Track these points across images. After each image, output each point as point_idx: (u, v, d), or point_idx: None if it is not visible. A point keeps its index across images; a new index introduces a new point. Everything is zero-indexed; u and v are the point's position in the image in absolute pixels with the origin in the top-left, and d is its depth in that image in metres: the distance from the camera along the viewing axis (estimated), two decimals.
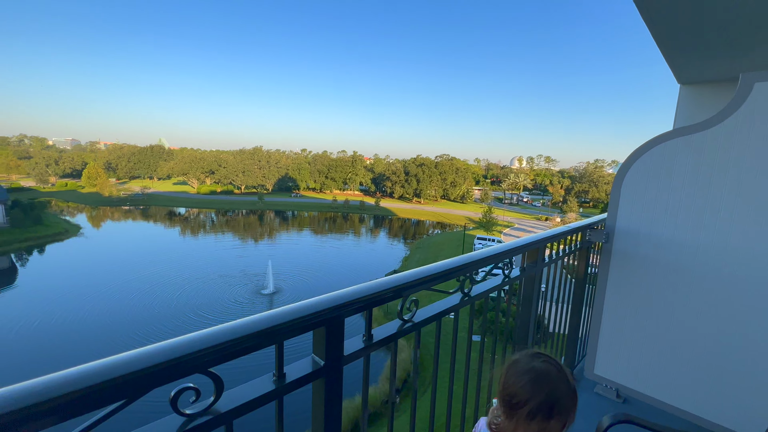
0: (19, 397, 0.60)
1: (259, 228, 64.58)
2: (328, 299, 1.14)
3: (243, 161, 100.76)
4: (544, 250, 2.59)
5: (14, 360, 21.20)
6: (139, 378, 0.74)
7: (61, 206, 74.03)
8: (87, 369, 0.70)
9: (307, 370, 1.12)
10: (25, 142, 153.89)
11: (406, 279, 1.42)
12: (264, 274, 35.79)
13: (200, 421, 0.87)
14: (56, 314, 27.11)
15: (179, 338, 0.84)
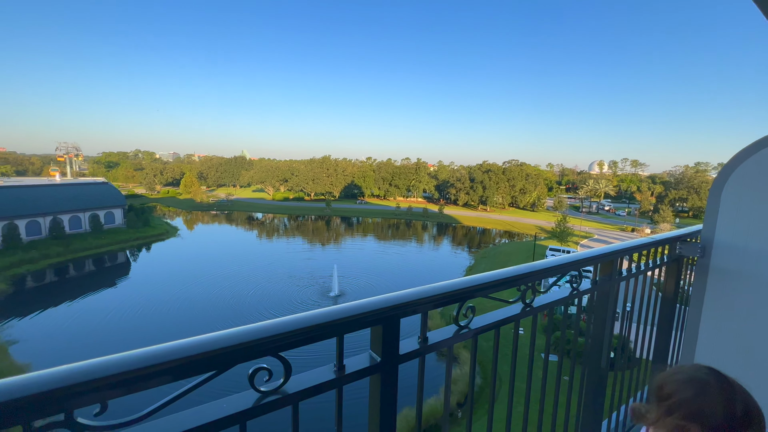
0: (143, 358, 0.80)
1: (326, 233, 67.80)
2: (386, 299, 1.21)
3: (313, 170, 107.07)
4: (621, 262, 2.34)
5: (128, 333, 25.01)
6: (226, 354, 0.90)
7: (163, 210, 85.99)
8: (188, 342, 0.88)
9: (364, 364, 1.21)
10: (138, 156, 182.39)
11: (463, 284, 1.43)
12: (330, 277, 37.42)
13: (272, 399, 1.01)
14: (158, 299, 31.71)
15: (257, 324, 0.99)
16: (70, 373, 0.73)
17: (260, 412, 1.00)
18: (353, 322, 1.12)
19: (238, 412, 0.96)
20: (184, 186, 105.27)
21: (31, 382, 0.69)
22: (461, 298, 1.42)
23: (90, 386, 0.74)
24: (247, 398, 1.00)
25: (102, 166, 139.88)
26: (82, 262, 43.71)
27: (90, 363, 0.77)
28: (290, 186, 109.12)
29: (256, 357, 0.97)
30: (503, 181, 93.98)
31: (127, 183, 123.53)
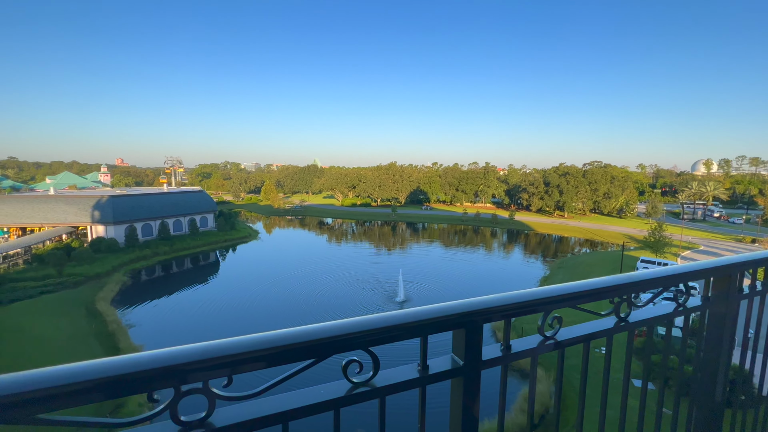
0: (264, 341, 0.97)
1: (392, 238, 68.63)
2: (469, 303, 1.23)
3: (379, 176, 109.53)
4: (741, 277, 1.96)
5: (216, 322, 28.04)
6: (325, 344, 1.03)
7: (247, 215, 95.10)
8: (295, 331, 1.01)
9: (447, 366, 1.24)
10: (227, 167, 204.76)
11: (549, 293, 1.38)
12: (395, 282, 37.70)
13: (362, 390, 1.10)
14: (240, 295, 34.94)
15: (351, 319, 1.10)
16: (208, 349, 0.92)
17: (352, 401, 1.09)
18: (437, 324, 1.16)
19: (333, 399, 1.07)
20: (264, 193, 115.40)
21: (180, 354, 0.90)
22: (547, 307, 1.37)
23: (223, 361, 0.91)
24: (341, 387, 1.10)
25: (198, 176, 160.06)
26: (182, 260, 50.28)
27: (223, 341, 0.95)
28: (358, 192, 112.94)
29: (349, 350, 1.07)
30: (583, 184, 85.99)
31: (218, 191, 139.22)
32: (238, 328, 28.35)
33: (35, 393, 0.76)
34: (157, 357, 0.88)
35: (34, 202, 51.16)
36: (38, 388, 0.77)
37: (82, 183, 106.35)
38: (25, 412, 0.76)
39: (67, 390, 0.79)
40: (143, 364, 0.86)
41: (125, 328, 27.85)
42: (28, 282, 35.69)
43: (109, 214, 51.17)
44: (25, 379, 0.78)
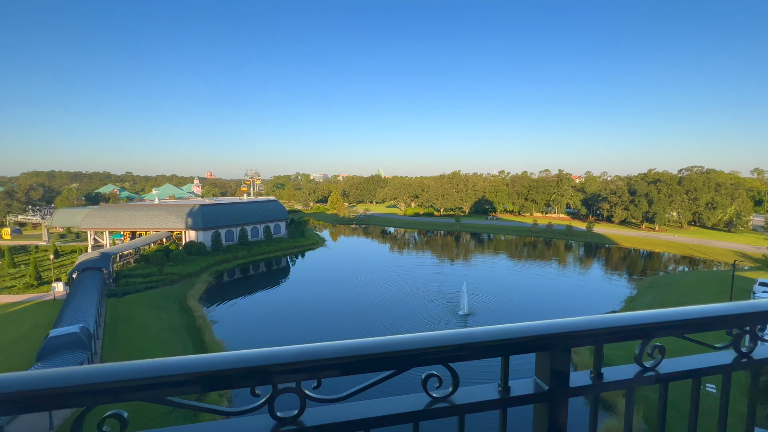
0: (351, 348, 1.04)
1: (455, 249, 66.91)
2: (556, 325, 1.17)
3: (442, 185, 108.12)
4: None
5: (286, 323, 29.78)
6: (406, 356, 1.04)
7: (314, 224, 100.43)
8: (377, 341, 1.05)
9: (529, 390, 1.18)
10: (298, 178, 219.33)
11: (651, 318, 1.25)
12: (458, 294, 36.55)
13: (441, 406, 1.09)
14: (309, 297, 36.72)
15: (432, 333, 1.10)
16: (302, 352, 1.00)
17: (431, 415, 1.08)
18: (520, 344, 1.12)
19: (413, 411, 1.07)
20: (331, 203, 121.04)
21: (279, 355, 1.00)
22: (646, 334, 1.24)
23: (314, 364, 0.98)
24: (420, 401, 1.10)
25: (273, 187, 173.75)
26: (258, 264, 54.66)
27: (315, 346, 1.02)
28: (420, 202, 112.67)
29: (429, 364, 1.07)
30: (679, 193, 75.42)
31: (289, 200, 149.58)
32: (306, 329, 29.79)
33: (170, 378, 0.92)
34: (260, 356, 0.98)
35: (143, 210, 59.95)
36: (172, 374, 0.93)
37: (179, 193, 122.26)
38: (160, 393, 0.93)
39: (193, 378, 0.93)
40: (250, 361, 0.97)
41: (210, 323, 30.91)
42: (137, 278, 41.69)
43: (200, 221, 57.81)
44: (162, 365, 0.94)
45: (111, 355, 24.77)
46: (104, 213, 59.07)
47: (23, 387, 0.84)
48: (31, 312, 32.49)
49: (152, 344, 26.20)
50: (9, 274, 44.21)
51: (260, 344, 19.58)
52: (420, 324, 30.80)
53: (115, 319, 30.66)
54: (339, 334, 28.93)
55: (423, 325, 30.63)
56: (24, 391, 0.84)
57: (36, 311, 32.56)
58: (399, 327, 30.12)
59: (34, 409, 0.87)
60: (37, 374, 0.87)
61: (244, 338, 28.58)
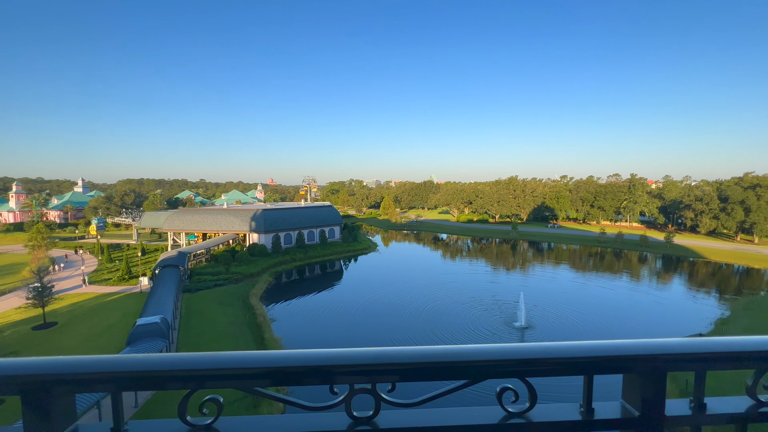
0: (426, 355, 1.04)
1: (512, 258, 63.76)
2: (650, 345, 1.07)
3: (498, 191, 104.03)
4: None
5: (339, 324, 30.44)
6: (480, 367, 1.02)
7: (367, 229, 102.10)
8: (450, 349, 1.04)
9: (616, 414, 1.08)
10: (352, 184, 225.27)
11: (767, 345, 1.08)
12: (514, 305, 34.64)
13: (517, 421, 1.04)
14: (362, 300, 37.27)
15: (508, 345, 1.06)
16: (378, 355, 1.02)
17: (506, 431, 1.04)
18: (607, 363, 1.04)
19: (487, 424, 1.04)
20: (383, 208, 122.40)
21: (357, 356, 1.02)
22: (761, 362, 1.07)
23: (389, 367, 1.01)
24: (495, 414, 1.06)
25: (328, 193, 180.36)
26: (313, 266, 56.86)
27: (391, 349, 1.04)
28: (474, 208, 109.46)
29: (504, 376, 1.04)
30: None
31: (343, 206, 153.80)
32: (358, 331, 30.20)
33: (259, 370, 1.01)
34: (340, 356, 1.02)
35: (213, 213, 65.57)
36: (261, 366, 1.01)
37: (244, 199, 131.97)
38: (248, 383, 1.02)
39: (279, 371, 1.00)
40: (331, 360, 1.01)
41: (269, 321, 32.66)
42: (207, 276, 45.55)
43: (262, 224, 61.73)
44: (252, 357, 1.02)
45: (185, 344, 27.20)
46: (181, 216, 65.65)
47: (150, 368, 1.00)
48: (123, 302, 36.95)
49: (219, 337, 28.30)
50: (107, 268, 50.84)
51: (315, 344, 20.12)
52: (473, 334, 29.64)
53: (188, 312, 33.69)
54: (390, 338, 28.86)
55: (476, 335, 29.44)
56: (150, 371, 1.00)
57: (126, 301, 36.97)
58: (450, 336, 29.27)
59: (154, 387, 1.03)
60: (161, 357, 1.02)
61: (300, 337, 29.70)
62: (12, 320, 32.00)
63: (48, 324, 31.03)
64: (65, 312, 33.94)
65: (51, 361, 1.00)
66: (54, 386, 0.97)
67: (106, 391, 1.01)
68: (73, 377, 0.99)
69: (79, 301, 37.33)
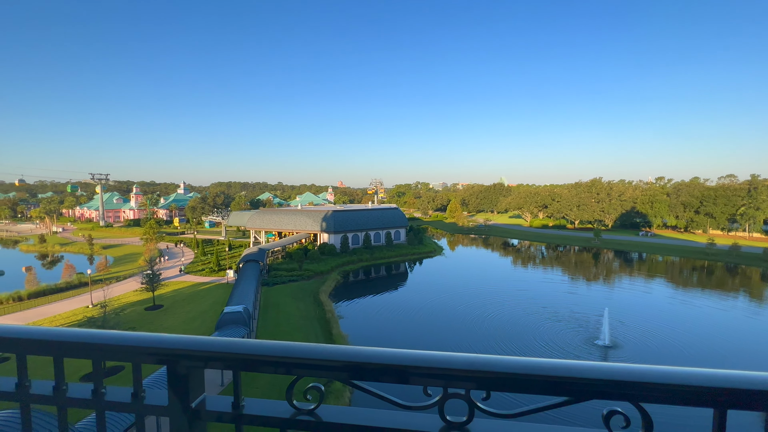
0: (522, 366, 0.99)
1: (593, 268, 57.76)
2: None
3: (578, 195, 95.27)
4: None
5: (409, 328, 30.47)
6: (584, 385, 0.93)
7: (432, 232, 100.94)
8: (548, 363, 0.98)
9: None
10: (418, 186, 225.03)
11: None
12: (596, 320, 31.27)
13: None
14: (426, 304, 36.83)
15: (617, 365, 0.96)
16: (473, 361, 1.01)
17: None
18: (745, 398, 0.88)
19: None
20: (450, 211, 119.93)
21: (451, 360, 1.02)
22: None
23: (483, 375, 0.99)
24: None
25: (395, 195, 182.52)
26: (378, 267, 57.89)
27: (488, 357, 1.02)
28: (550, 212, 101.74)
29: (613, 398, 0.95)
30: None
31: (409, 208, 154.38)
32: (422, 334, 29.93)
33: (356, 364, 1.06)
34: (435, 358, 1.03)
35: (289, 214, 70.55)
36: (359, 361, 1.06)
37: (316, 200, 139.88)
38: (346, 375, 1.07)
39: (375, 368, 1.04)
40: (426, 361, 1.02)
41: (337, 318, 34.00)
42: (282, 272, 49.11)
43: (332, 225, 64.72)
44: (352, 352, 1.08)
45: (263, 333, 29.58)
46: (262, 216, 71.84)
47: (265, 353, 1.13)
48: (213, 291, 41.56)
49: (292, 329, 30.23)
50: (201, 261, 57.74)
51: (380, 345, 20.13)
52: (545, 350, 27.38)
53: (266, 304, 36.62)
54: (455, 346, 28.03)
55: (549, 352, 27.13)
56: (265, 356, 1.12)
57: (215, 291, 41.50)
58: (517, 350, 27.41)
59: (267, 370, 1.13)
60: (275, 344, 1.14)
61: (366, 336, 30.38)
62: (131, 301, 37.99)
63: (156, 306, 36.20)
64: (169, 297, 39.27)
65: (191, 339, 1.18)
66: (192, 361, 1.15)
67: (229, 369, 1.14)
68: (206, 354, 1.15)
69: (179, 288, 42.94)
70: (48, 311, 35.72)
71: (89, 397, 1.23)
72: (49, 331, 1.24)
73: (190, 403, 1.17)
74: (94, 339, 1.21)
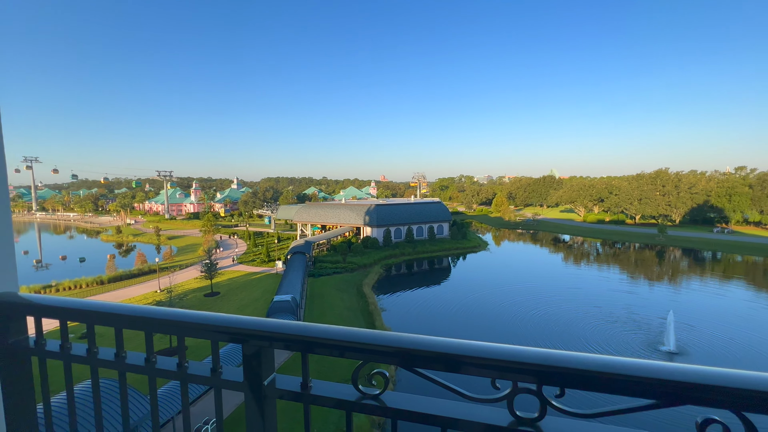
0: (604, 365, 0.92)
1: (657, 267, 52.97)
2: None
3: (640, 187, 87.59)
4: None
5: (451, 323, 30.20)
6: (675, 388, 0.84)
7: (477, 226, 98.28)
8: (631, 362, 0.91)
9: None
10: (462, 180, 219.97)
11: None
12: (659, 323, 28.74)
13: None
14: (470, 300, 36.18)
15: (717, 369, 0.86)
16: (546, 356, 0.96)
17: None
18: None
19: None
20: (495, 205, 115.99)
21: (521, 354, 0.99)
22: None
23: (556, 371, 0.94)
24: None
25: (438, 189, 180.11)
26: (421, 262, 57.64)
27: (562, 353, 0.97)
28: (607, 206, 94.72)
29: (710, 405, 0.84)
30: None
31: (452, 202, 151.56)
32: (466, 331, 29.43)
33: (422, 353, 1.06)
34: (504, 351, 1.00)
35: (333, 208, 72.40)
36: (424, 349, 1.06)
37: (359, 194, 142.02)
38: (411, 363, 1.07)
39: (440, 357, 1.03)
40: (494, 353, 1.00)
41: (379, 310, 34.47)
42: (327, 264, 50.67)
43: (374, 219, 65.44)
44: (417, 341, 1.08)
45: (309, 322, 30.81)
46: (308, 209, 74.47)
47: (333, 337, 1.17)
48: (263, 280, 43.98)
49: (337, 320, 31.16)
50: (252, 252, 61.31)
51: None
52: (600, 352, 25.66)
53: (312, 294, 38.07)
54: (499, 341, 27.24)
55: (607, 351, 25.37)
56: (333, 339, 1.16)
57: (266, 280, 43.88)
58: (568, 349, 25.96)
59: (335, 354, 1.17)
60: (342, 329, 1.19)
61: (408, 329, 30.48)
62: (192, 287, 41.37)
63: (214, 293, 39.10)
64: (224, 284, 42.21)
65: (266, 322, 1.25)
66: (265, 341, 1.22)
67: (298, 351, 1.20)
68: (279, 336, 1.21)
69: (233, 276, 45.98)
70: (124, 294, 40.03)
71: (174, 369, 1.36)
72: (142, 309, 1.39)
73: (263, 381, 1.24)
74: (179, 317, 1.32)
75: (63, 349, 1.48)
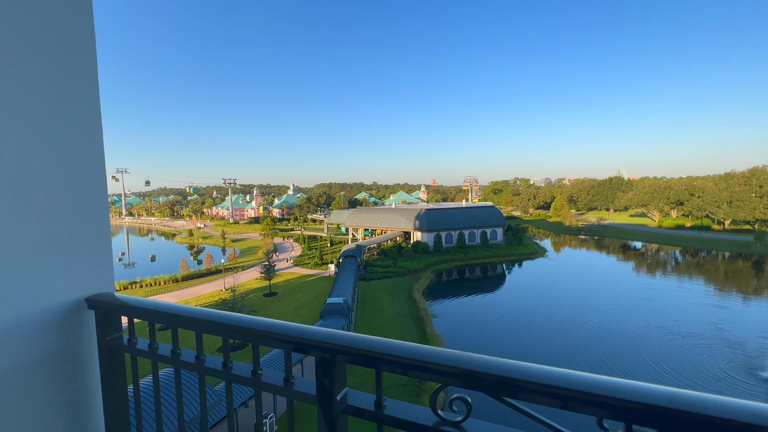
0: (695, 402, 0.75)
1: (752, 279, 45.96)
2: None
3: (730, 188, 76.99)
4: None
5: (505, 333, 28.84)
6: None
7: (534, 232, 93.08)
8: (745, 404, 0.72)
9: None
10: (517, 183, 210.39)
11: None
12: (758, 343, 24.84)
13: None
14: (527, 311, 34.15)
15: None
16: (675, 396, 0.77)
17: None
18: None
19: None
20: (554, 209, 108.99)
21: (641, 391, 0.80)
22: None
23: (688, 416, 0.74)
24: None
25: (491, 193, 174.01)
26: (473, 268, 55.85)
27: (692, 394, 0.78)
28: (687, 210, 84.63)
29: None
30: None
31: (507, 206, 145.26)
32: (520, 343, 27.88)
33: (510, 380, 0.91)
34: (607, 384, 0.83)
35: (383, 212, 73.11)
36: (512, 377, 0.91)
37: (409, 199, 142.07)
38: (497, 391, 0.94)
39: (544, 389, 0.87)
40: (602, 388, 0.83)
41: (430, 316, 33.93)
42: (377, 268, 51.15)
43: (425, 223, 64.87)
44: (505, 366, 0.94)
45: (361, 325, 31.26)
46: (359, 214, 76.06)
47: (408, 355, 1.05)
48: (317, 283, 45.60)
49: (387, 324, 31.24)
50: (307, 255, 63.98)
51: (476, 348, 18.82)
52: (683, 379, 22.71)
53: (363, 298, 38.62)
54: (559, 361, 25.33)
55: (689, 382, 22.42)
56: (409, 359, 1.04)
57: (319, 283, 45.45)
58: (641, 375, 23.31)
59: (412, 375, 1.06)
60: (419, 347, 1.06)
61: (460, 338, 29.61)
62: (253, 287, 44.16)
63: (272, 293, 41.34)
64: (281, 286, 44.46)
65: (340, 335, 1.18)
66: (340, 355, 1.15)
67: (372, 368, 1.10)
68: (353, 350, 1.13)
69: (289, 278, 48.28)
70: (195, 291, 43.91)
71: (249, 377, 1.35)
72: (220, 315, 1.41)
73: (335, 396, 1.18)
74: (254, 325, 1.31)
75: (151, 348, 1.59)
